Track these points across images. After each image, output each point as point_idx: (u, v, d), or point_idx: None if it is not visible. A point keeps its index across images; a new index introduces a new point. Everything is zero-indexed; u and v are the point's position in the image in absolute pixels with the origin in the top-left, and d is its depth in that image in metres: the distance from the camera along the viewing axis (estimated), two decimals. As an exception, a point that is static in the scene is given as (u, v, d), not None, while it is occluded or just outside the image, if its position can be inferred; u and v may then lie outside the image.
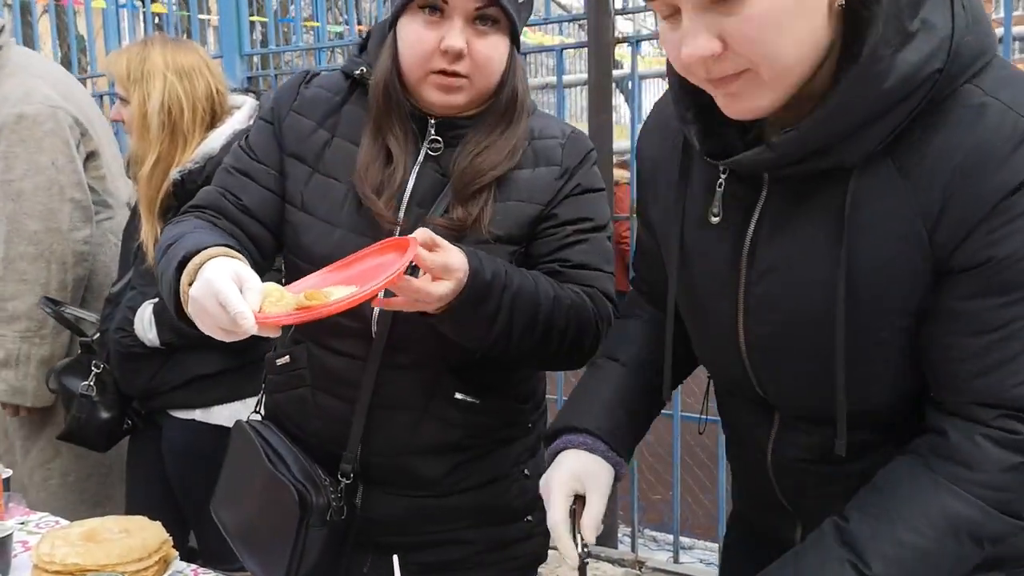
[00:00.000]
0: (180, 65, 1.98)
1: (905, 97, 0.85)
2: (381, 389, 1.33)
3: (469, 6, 1.23)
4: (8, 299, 2.28)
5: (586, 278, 1.37)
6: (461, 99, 1.29)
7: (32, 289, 2.27)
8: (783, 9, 0.81)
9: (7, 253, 2.27)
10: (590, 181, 1.40)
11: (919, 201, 0.87)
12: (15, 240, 2.26)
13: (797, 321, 0.95)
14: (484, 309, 1.22)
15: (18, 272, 2.27)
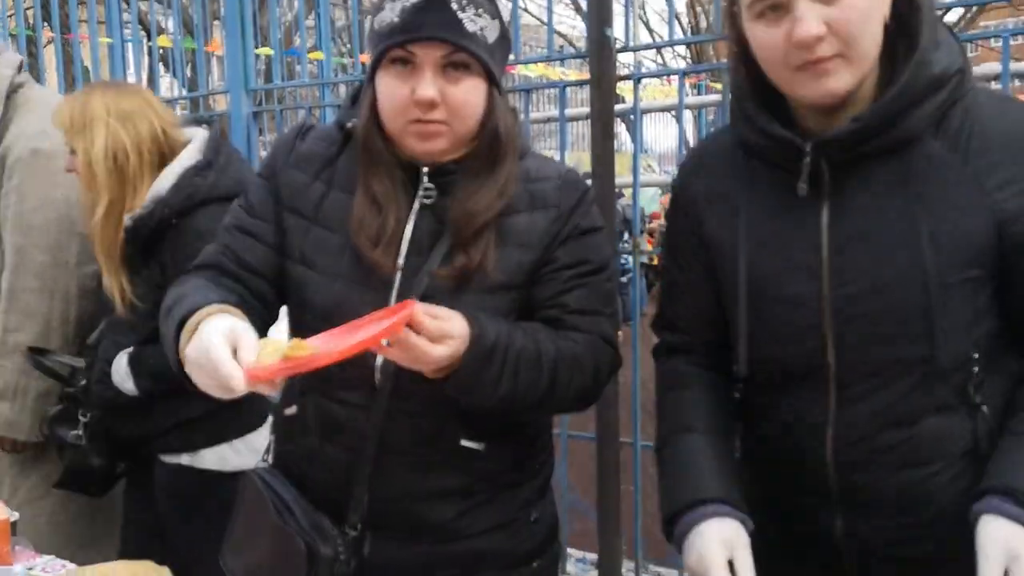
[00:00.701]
0: (121, 109, 1.98)
1: (943, 86, 1.12)
2: (386, 437, 1.34)
3: (435, 56, 1.24)
4: (11, 330, 2.28)
5: (586, 324, 1.37)
6: (441, 145, 1.30)
7: (35, 322, 2.28)
8: (870, 6, 1.09)
9: (13, 284, 2.28)
10: (588, 222, 1.40)
11: (973, 171, 1.11)
12: (21, 272, 2.27)
13: (881, 281, 1.13)
14: (487, 374, 1.25)
15: (22, 304, 2.28)
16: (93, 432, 2.13)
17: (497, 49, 1.30)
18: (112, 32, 4.13)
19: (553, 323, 1.37)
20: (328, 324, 1.31)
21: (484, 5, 1.26)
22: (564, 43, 19.60)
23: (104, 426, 2.14)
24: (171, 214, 1.94)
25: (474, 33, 1.25)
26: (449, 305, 1.28)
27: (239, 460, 2.09)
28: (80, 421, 2.13)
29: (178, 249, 1.96)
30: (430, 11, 1.23)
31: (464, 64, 1.26)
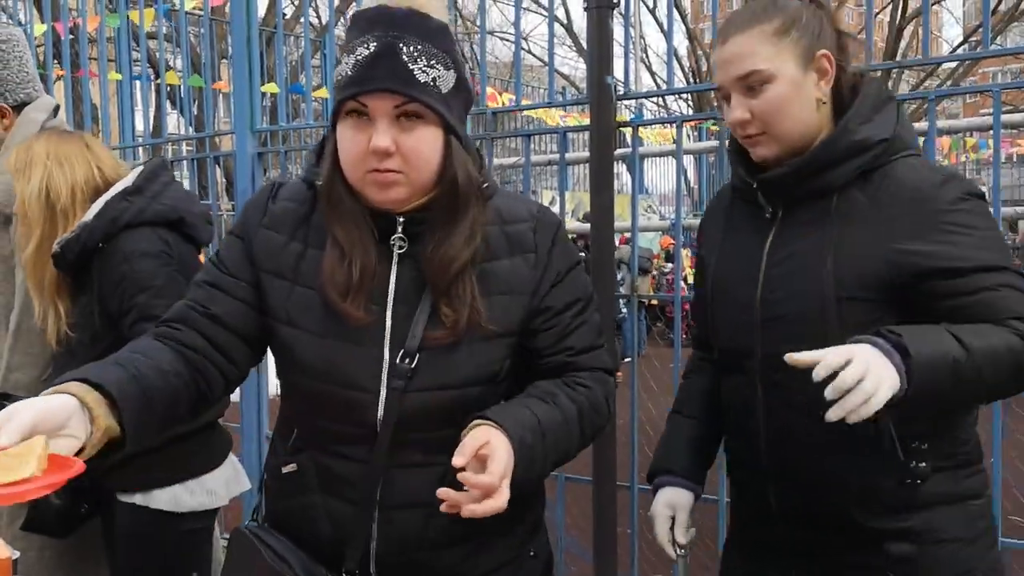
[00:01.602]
0: (60, 153, 2.08)
1: (865, 150, 1.42)
2: (390, 489, 1.36)
3: (388, 106, 1.26)
4: (13, 369, 2.31)
5: (590, 361, 1.45)
6: (399, 194, 1.31)
7: (36, 363, 2.30)
8: (785, 99, 1.43)
9: (19, 324, 2.31)
10: (567, 260, 1.44)
11: (882, 219, 1.39)
12: (28, 313, 2.30)
13: (794, 291, 1.43)
14: (532, 468, 1.30)
15: (27, 344, 2.30)
16: None
17: (453, 99, 1.31)
18: (121, 70, 4.20)
19: (561, 368, 1.43)
20: (324, 383, 1.34)
21: (437, 56, 1.28)
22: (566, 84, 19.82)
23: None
24: (97, 237, 1.99)
25: (426, 83, 1.27)
26: (445, 358, 1.32)
27: (193, 501, 2.10)
28: None
29: (105, 272, 2.00)
30: (381, 63, 1.25)
31: (417, 114, 1.28)
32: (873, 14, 2.56)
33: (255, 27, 3.59)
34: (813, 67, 1.44)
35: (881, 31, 16.71)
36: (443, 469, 1.32)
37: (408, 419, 1.32)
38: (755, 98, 1.43)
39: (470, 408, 1.33)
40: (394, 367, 1.32)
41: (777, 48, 1.42)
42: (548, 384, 1.42)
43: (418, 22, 1.28)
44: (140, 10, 4.05)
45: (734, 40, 1.45)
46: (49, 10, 4.35)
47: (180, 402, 1.33)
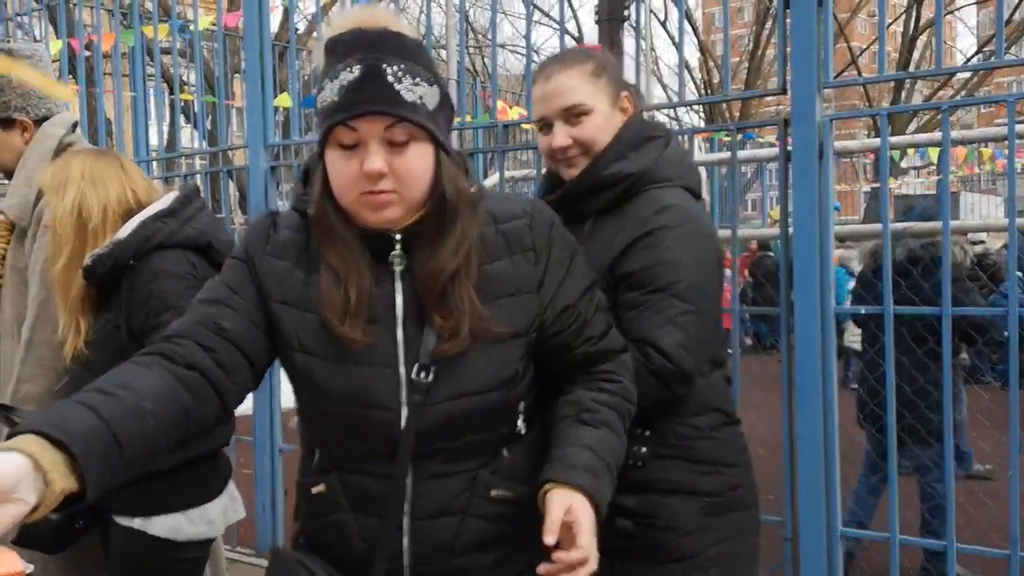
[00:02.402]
0: (94, 173, 2.11)
1: (615, 184, 1.67)
2: (419, 501, 1.36)
3: (378, 129, 1.26)
4: (23, 380, 2.32)
5: (608, 344, 1.47)
6: (394, 214, 1.31)
7: (47, 375, 2.31)
8: (600, 129, 1.69)
9: (32, 337, 2.32)
10: (568, 250, 1.45)
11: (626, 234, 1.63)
12: (41, 326, 2.31)
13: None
14: (606, 499, 1.34)
15: (38, 357, 2.31)
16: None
17: (439, 114, 1.32)
18: (135, 86, 4.23)
19: (584, 360, 1.45)
20: (344, 406, 1.34)
21: (421, 74, 1.29)
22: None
23: None
24: (129, 255, 2.02)
25: (413, 103, 1.27)
26: (461, 367, 1.31)
27: (192, 530, 2.09)
28: None
29: (134, 290, 2.02)
30: (367, 87, 1.25)
31: (407, 135, 1.28)
32: (886, 24, 2.55)
33: (268, 42, 3.61)
34: (618, 106, 1.73)
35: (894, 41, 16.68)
36: (469, 475, 1.36)
37: (430, 431, 1.32)
38: (576, 127, 1.69)
39: (491, 413, 1.35)
40: (412, 383, 1.32)
41: (594, 87, 1.70)
42: (582, 397, 1.43)
43: (396, 42, 1.29)
44: (155, 26, 4.08)
45: (557, 77, 1.70)
46: (64, 26, 4.39)
47: (159, 441, 1.23)
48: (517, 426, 1.41)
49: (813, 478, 2.48)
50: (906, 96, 16.83)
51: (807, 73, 2.41)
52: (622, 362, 1.48)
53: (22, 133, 2.48)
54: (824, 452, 2.47)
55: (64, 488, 1.08)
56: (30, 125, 2.48)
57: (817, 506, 2.47)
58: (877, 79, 2.75)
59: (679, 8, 2.94)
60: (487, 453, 1.37)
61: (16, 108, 2.45)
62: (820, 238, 2.43)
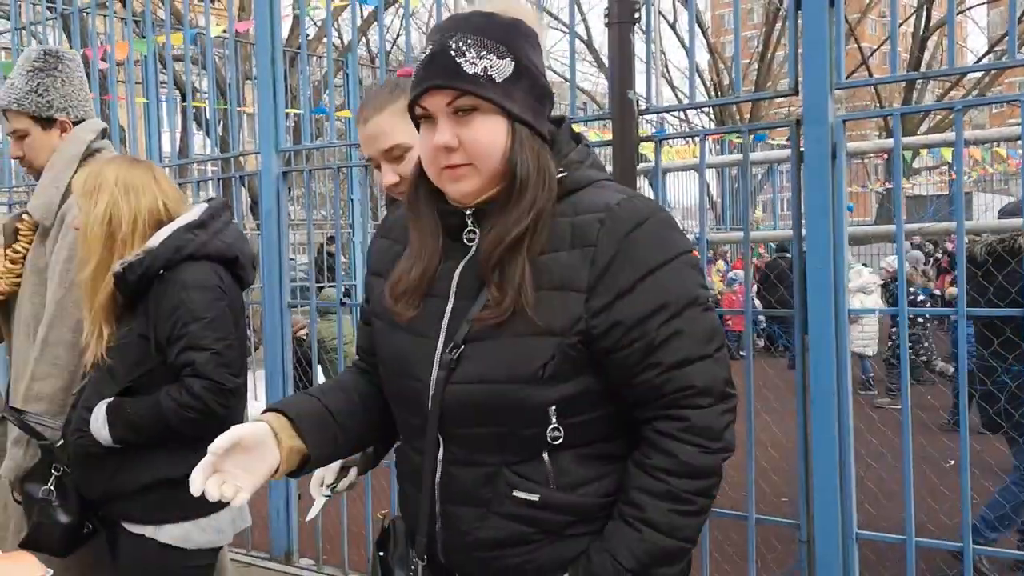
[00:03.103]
0: (127, 181, 2.13)
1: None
2: (446, 484, 1.38)
3: (442, 103, 1.30)
4: (37, 379, 2.34)
5: (685, 379, 1.28)
6: (470, 186, 1.33)
7: (60, 375, 2.33)
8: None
9: (47, 336, 2.35)
10: (646, 258, 1.27)
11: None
12: (57, 325, 2.34)
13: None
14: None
15: (53, 356, 2.34)
16: (63, 487, 2.16)
17: (513, 86, 1.30)
18: (148, 93, 4.25)
19: (651, 395, 1.29)
20: (391, 373, 1.42)
21: (489, 46, 1.29)
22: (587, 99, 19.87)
23: (74, 481, 2.16)
24: (159, 264, 2.05)
25: (475, 75, 1.28)
26: (487, 351, 1.30)
27: (202, 538, 2.11)
28: (52, 475, 2.16)
29: (163, 299, 2.04)
30: (433, 63, 1.30)
31: (471, 106, 1.29)
32: (897, 25, 2.54)
33: (279, 49, 3.63)
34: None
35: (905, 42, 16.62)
36: (493, 470, 1.34)
37: (452, 412, 1.33)
38: (401, 165, 1.71)
39: (511, 407, 1.29)
40: (442, 358, 1.34)
41: (408, 122, 1.47)
42: (629, 485, 1.32)
43: (476, 20, 1.31)
44: (167, 34, 4.11)
45: (374, 121, 1.72)
46: (78, 36, 4.42)
47: (366, 416, 1.52)
48: (549, 432, 1.31)
49: (828, 481, 2.47)
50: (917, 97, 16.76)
51: (819, 74, 2.41)
52: (691, 425, 1.28)
53: (61, 133, 2.52)
54: (839, 454, 2.46)
55: (291, 446, 1.38)
56: (69, 126, 2.53)
57: (832, 509, 2.46)
58: (889, 79, 2.74)
59: (690, 12, 2.93)
60: (516, 452, 1.33)
61: (59, 108, 2.50)
62: (833, 239, 2.42)
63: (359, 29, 4.55)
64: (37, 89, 2.48)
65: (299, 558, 3.72)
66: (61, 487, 2.15)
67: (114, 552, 2.18)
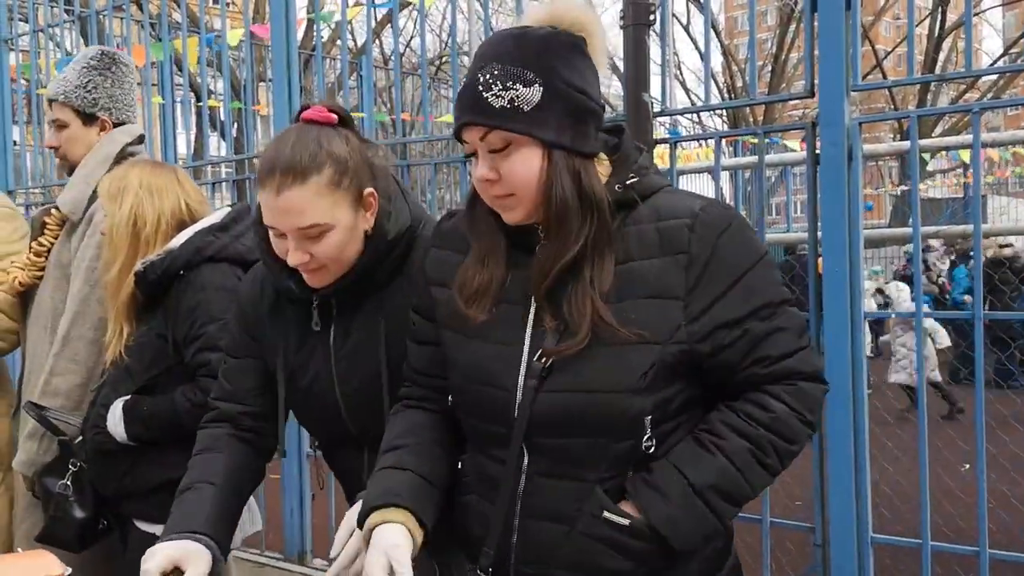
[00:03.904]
0: (152, 183, 2.16)
1: (394, 247, 1.57)
2: (529, 497, 1.33)
3: (476, 139, 1.30)
4: (56, 374, 2.36)
5: (788, 368, 1.30)
6: (518, 215, 1.32)
7: (79, 371, 2.35)
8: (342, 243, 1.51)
9: (69, 331, 2.37)
10: (738, 261, 1.29)
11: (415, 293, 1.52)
12: (79, 322, 2.37)
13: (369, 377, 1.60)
14: (694, 531, 1.28)
15: (73, 351, 2.36)
16: (79, 483, 2.17)
17: (545, 112, 1.28)
18: (164, 96, 4.28)
19: (754, 383, 1.30)
20: (469, 382, 1.38)
21: (514, 76, 1.27)
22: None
23: (90, 477, 2.17)
24: (180, 264, 2.06)
25: (502, 108, 1.26)
26: (580, 361, 1.26)
27: None
28: (69, 470, 2.17)
29: (182, 300, 2.06)
30: (463, 99, 1.30)
31: (504, 141, 1.28)
32: (914, 26, 2.53)
33: (295, 51, 3.64)
34: (362, 205, 1.54)
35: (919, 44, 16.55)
36: (583, 486, 1.29)
37: (542, 422, 1.29)
38: (316, 245, 1.50)
39: (607, 417, 1.27)
40: (530, 367, 1.30)
41: (333, 199, 1.49)
42: (712, 418, 1.32)
43: (506, 46, 1.30)
44: (183, 39, 4.13)
45: (290, 195, 1.46)
46: (95, 38, 4.46)
47: (448, 456, 1.48)
48: (643, 443, 1.29)
49: (844, 483, 2.46)
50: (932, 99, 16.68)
51: (835, 76, 2.40)
52: (797, 392, 1.30)
53: (100, 132, 2.56)
54: (855, 457, 2.45)
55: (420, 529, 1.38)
56: (109, 126, 2.56)
57: (848, 512, 2.45)
58: (906, 81, 2.72)
59: (706, 16, 2.93)
60: (606, 467, 1.29)
61: (103, 107, 2.54)
62: (849, 241, 2.41)
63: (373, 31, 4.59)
64: (86, 85, 2.52)
65: (313, 558, 3.73)
66: (78, 482, 2.17)
67: (125, 550, 2.19)
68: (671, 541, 1.26)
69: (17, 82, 4.64)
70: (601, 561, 1.29)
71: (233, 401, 1.72)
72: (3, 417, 2.63)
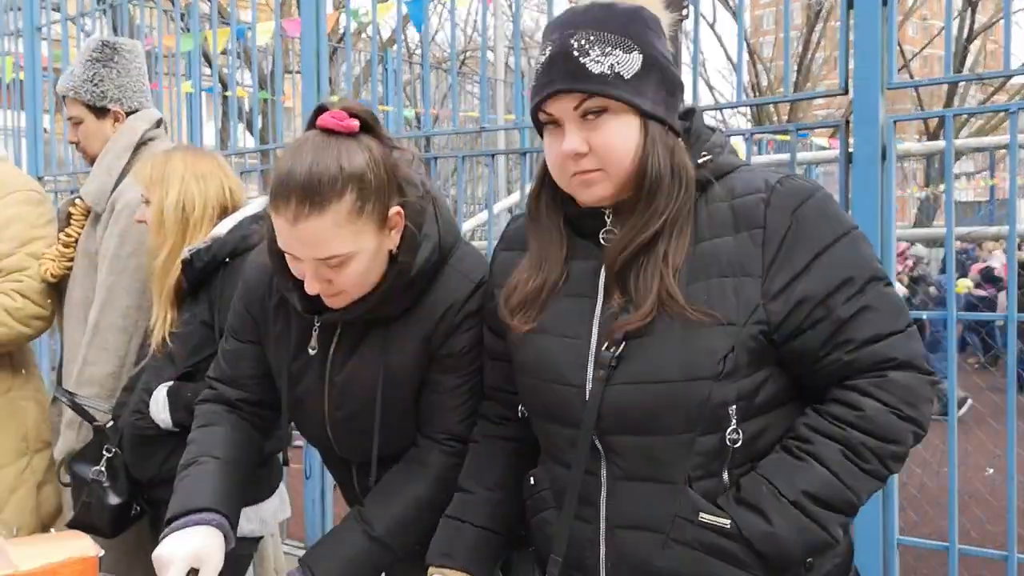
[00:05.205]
0: (196, 169, 2.17)
1: (415, 283, 1.48)
2: (615, 503, 1.24)
3: (568, 107, 1.22)
4: (89, 363, 2.39)
5: (877, 354, 1.18)
6: (603, 191, 1.25)
7: (110, 359, 2.38)
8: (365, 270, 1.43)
9: (99, 321, 2.39)
10: (820, 234, 1.19)
11: (423, 332, 1.51)
12: (108, 311, 2.39)
13: (358, 410, 1.56)
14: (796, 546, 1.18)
15: (103, 340, 2.39)
16: (113, 469, 2.19)
17: (643, 81, 1.21)
18: (192, 84, 4.30)
19: (839, 373, 1.20)
20: (535, 379, 1.31)
21: (614, 42, 1.20)
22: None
23: (124, 463, 2.18)
24: (226, 251, 2.07)
25: (602, 74, 1.19)
26: (653, 348, 1.19)
27: (248, 527, 2.11)
28: (104, 456, 2.18)
29: (227, 287, 2.06)
30: (554, 65, 1.22)
31: (600, 108, 1.21)
32: (939, 29, 2.51)
33: (324, 41, 3.65)
34: (388, 226, 1.42)
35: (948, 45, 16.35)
36: (672, 488, 1.20)
37: (615, 418, 1.21)
38: (335, 273, 1.39)
39: (685, 408, 1.18)
40: (599, 356, 1.22)
41: (355, 227, 1.36)
42: (799, 424, 1.22)
43: (596, 13, 1.22)
44: (213, 30, 4.15)
45: (307, 225, 1.33)
46: (126, 27, 4.48)
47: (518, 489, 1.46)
48: (728, 435, 1.19)
49: (871, 484, 2.43)
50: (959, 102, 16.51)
51: (871, 73, 2.38)
52: (888, 381, 1.18)
53: (113, 123, 2.57)
54: (882, 458, 2.43)
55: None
56: (122, 116, 2.58)
57: (873, 514, 2.43)
58: (942, 80, 2.70)
59: (740, 22, 2.91)
60: (693, 466, 1.20)
61: (112, 99, 2.55)
62: (883, 241, 2.39)
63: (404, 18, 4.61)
64: (93, 79, 2.53)
65: (334, 548, 3.74)
66: (111, 468, 2.18)
67: (156, 535, 2.21)
68: (771, 559, 1.17)
69: (48, 71, 4.68)
70: (706, 571, 1.19)
71: (233, 386, 1.70)
72: (28, 400, 2.66)
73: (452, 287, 1.51)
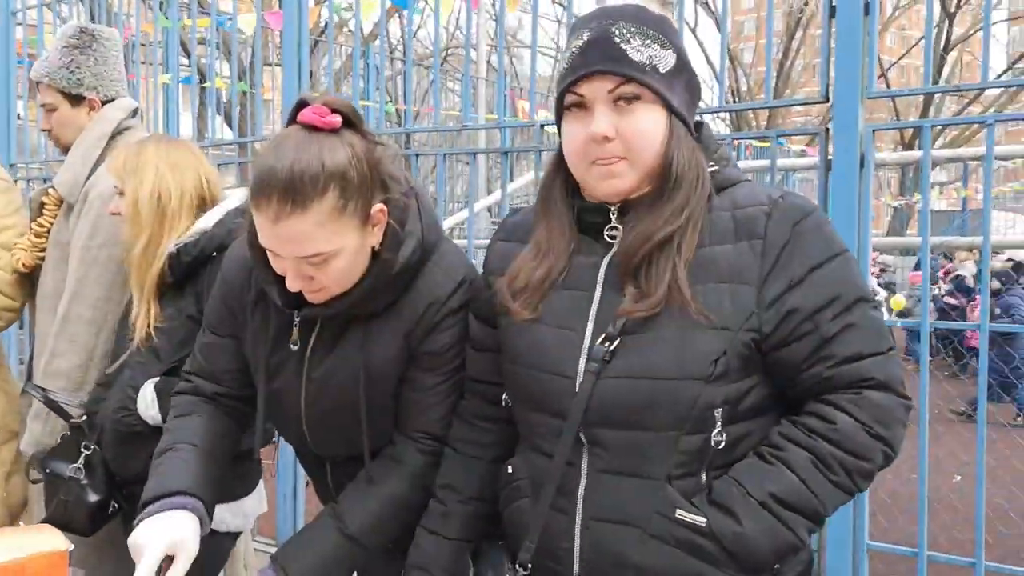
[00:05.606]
0: (171, 159, 2.13)
1: (398, 279, 1.46)
2: (596, 498, 1.25)
3: (603, 90, 1.23)
4: (57, 355, 2.34)
5: (855, 372, 1.21)
6: (624, 183, 1.26)
7: (78, 352, 2.33)
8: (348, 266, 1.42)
9: (67, 312, 2.35)
10: (815, 251, 1.23)
11: (404, 329, 1.49)
12: (76, 302, 2.34)
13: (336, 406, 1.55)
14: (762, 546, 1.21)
15: (71, 332, 2.34)
16: (92, 466, 2.14)
17: (675, 79, 1.25)
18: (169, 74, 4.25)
19: (818, 386, 1.23)
20: (527, 368, 1.31)
21: (652, 35, 1.24)
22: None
23: (103, 459, 2.14)
24: (214, 245, 2.04)
25: (640, 62, 1.22)
26: (647, 344, 1.21)
27: (232, 522, 2.10)
28: (81, 453, 2.14)
29: (214, 281, 2.02)
30: (594, 48, 1.23)
31: (634, 95, 1.23)
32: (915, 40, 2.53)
33: (306, 33, 3.62)
34: (371, 223, 1.41)
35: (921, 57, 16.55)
36: (650, 484, 1.22)
37: (603, 411, 1.22)
38: (318, 270, 1.39)
39: (672, 406, 1.20)
40: (593, 349, 1.24)
41: (337, 225, 1.35)
42: (777, 435, 1.25)
43: (633, 10, 1.26)
44: (193, 19, 4.11)
45: (289, 223, 1.32)
46: (104, 14, 4.43)
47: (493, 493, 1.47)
48: (712, 437, 1.21)
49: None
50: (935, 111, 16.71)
51: (851, 82, 2.39)
52: (864, 399, 1.21)
53: (89, 111, 2.53)
54: (854, 464, 2.44)
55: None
56: (98, 104, 2.53)
57: (844, 519, 2.45)
58: (922, 91, 2.72)
59: (723, 31, 2.92)
60: (675, 463, 1.22)
61: (88, 87, 2.51)
62: (859, 248, 2.41)
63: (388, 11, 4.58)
64: (69, 66, 2.49)
65: (304, 545, 3.72)
66: (89, 466, 2.14)
67: (127, 529, 2.17)
68: (740, 559, 1.19)
69: (23, 56, 4.61)
70: (681, 567, 1.21)
71: (210, 380, 1.68)
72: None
73: (434, 284, 1.50)
